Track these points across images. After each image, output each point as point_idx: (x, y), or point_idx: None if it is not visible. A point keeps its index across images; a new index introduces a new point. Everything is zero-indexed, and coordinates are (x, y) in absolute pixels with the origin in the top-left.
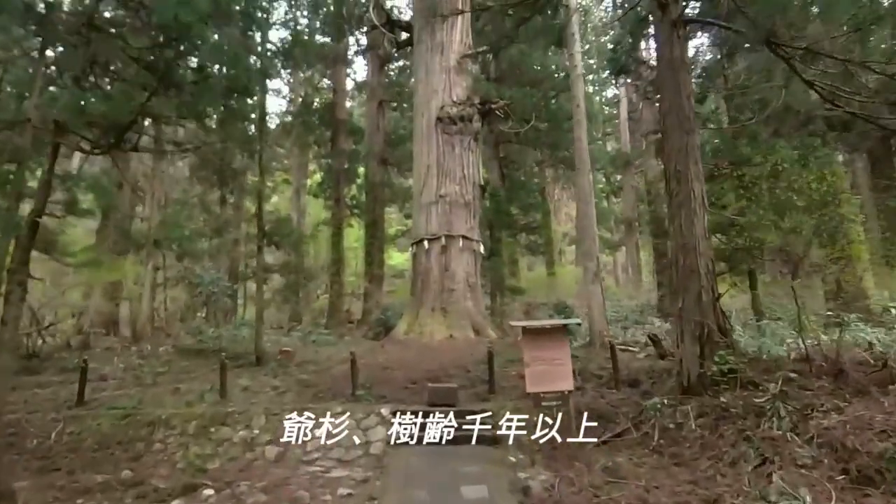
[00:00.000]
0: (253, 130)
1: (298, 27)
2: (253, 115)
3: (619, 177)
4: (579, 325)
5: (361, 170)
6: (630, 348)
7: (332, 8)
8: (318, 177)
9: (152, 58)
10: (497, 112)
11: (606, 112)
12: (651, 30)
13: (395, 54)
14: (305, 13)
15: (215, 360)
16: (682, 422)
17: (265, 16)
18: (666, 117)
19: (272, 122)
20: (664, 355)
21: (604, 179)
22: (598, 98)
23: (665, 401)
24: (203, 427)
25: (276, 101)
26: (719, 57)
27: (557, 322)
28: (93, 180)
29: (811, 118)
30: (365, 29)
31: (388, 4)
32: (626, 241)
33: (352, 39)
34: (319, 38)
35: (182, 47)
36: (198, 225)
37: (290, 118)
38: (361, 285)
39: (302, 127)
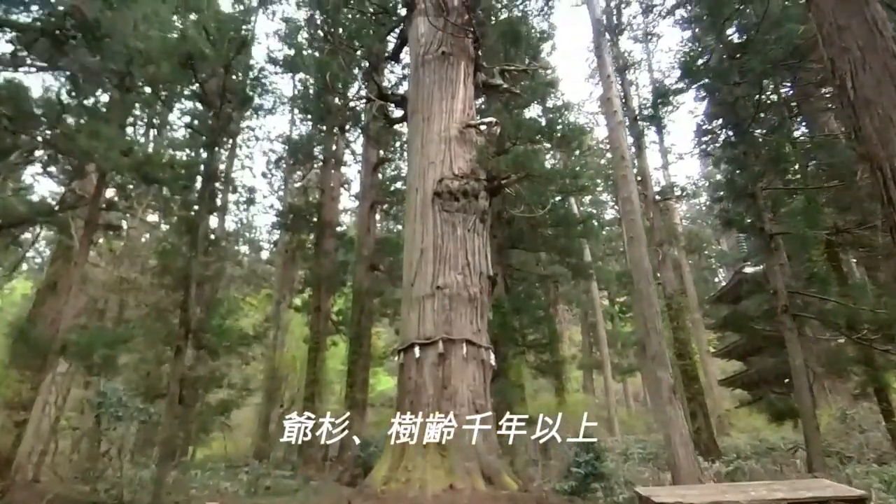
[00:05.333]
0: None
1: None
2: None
3: (621, 298)
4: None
5: (350, 284)
6: None
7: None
8: (299, 289)
9: None
10: (508, 190)
11: (607, 231)
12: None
13: (388, 152)
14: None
15: None
16: None
17: None
18: (854, 62)
19: (261, 233)
20: None
21: (607, 301)
22: (598, 221)
23: None
24: None
25: (268, 217)
26: None
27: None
28: None
29: None
30: (355, 103)
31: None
32: (639, 365)
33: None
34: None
35: None
36: (130, 333)
37: (277, 229)
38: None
39: (285, 229)
